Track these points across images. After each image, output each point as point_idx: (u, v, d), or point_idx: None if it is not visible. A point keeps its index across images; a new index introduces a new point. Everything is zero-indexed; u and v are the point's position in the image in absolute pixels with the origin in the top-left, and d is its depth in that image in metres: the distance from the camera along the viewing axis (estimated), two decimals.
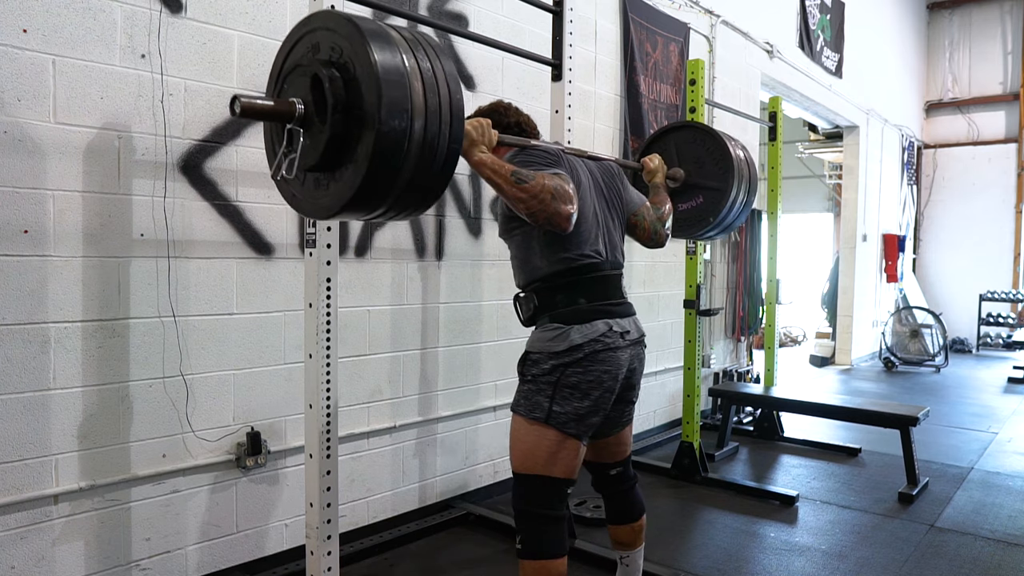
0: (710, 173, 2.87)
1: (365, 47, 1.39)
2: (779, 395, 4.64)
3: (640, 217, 2.26)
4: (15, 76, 2.05)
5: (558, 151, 2.02)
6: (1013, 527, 3.40)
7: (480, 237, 3.49)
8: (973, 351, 9.90)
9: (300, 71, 1.53)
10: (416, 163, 1.45)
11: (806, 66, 6.85)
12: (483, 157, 1.83)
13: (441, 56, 1.51)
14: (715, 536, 3.28)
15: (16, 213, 2.06)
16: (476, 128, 1.85)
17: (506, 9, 3.53)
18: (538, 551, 1.91)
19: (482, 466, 3.61)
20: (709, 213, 2.88)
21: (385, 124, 1.37)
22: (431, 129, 1.45)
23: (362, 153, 1.41)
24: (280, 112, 1.51)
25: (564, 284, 1.98)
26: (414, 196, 1.53)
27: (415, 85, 1.43)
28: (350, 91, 1.43)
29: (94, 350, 2.23)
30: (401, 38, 1.47)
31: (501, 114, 2.15)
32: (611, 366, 1.96)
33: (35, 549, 2.14)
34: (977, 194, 10.31)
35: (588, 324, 1.95)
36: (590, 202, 2.04)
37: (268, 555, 2.71)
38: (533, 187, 1.77)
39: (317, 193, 1.56)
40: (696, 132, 2.98)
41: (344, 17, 1.46)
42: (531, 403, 1.95)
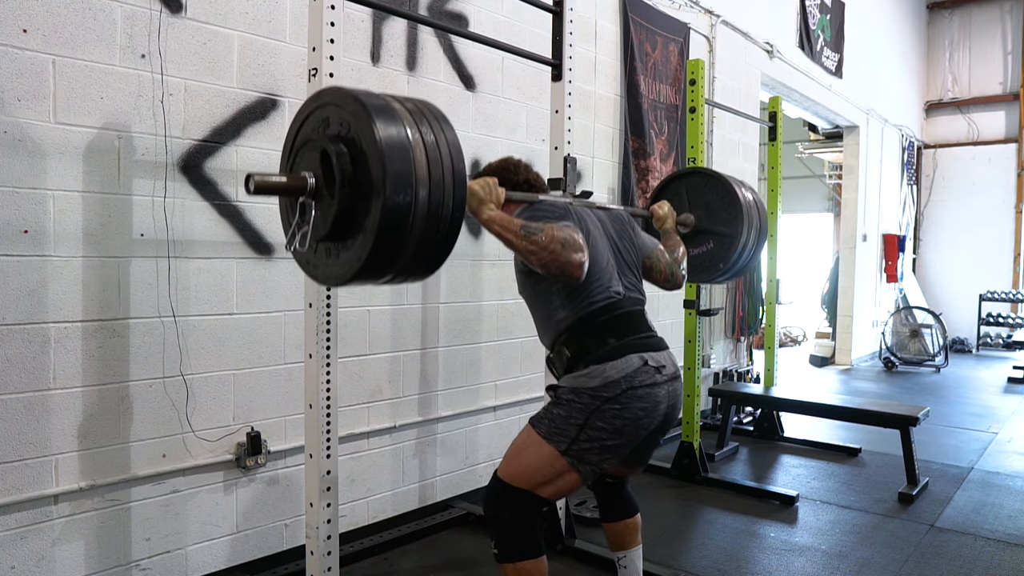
0: (720, 218, 2.89)
1: (370, 123, 1.45)
2: (779, 395, 4.64)
3: (655, 260, 2.26)
4: (15, 76, 2.05)
5: (565, 204, 2.04)
6: (1013, 527, 3.40)
7: (480, 237, 3.49)
8: (973, 351, 9.90)
9: (311, 145, 1.59)
10: (421, 233, 1.51)
11: (806, 66, 6.85)
12: (492, 215, 1.86)
13: (444, 126, 1.57)
14: (715, 536, 3.28)
15: (16, 213, 2.06)
16: (483, 187, 1.88)
17: (506, 9, 3.53)
18: (516, 555, 1.92)
19: (482, 466, 3.61)
20: (720, 259, 2.89)
21: (390, 199, 1.43)
22: (435, 199, 1.50)
23: (370, 225, 1.46)
24: (293, 188, 1.57)
25: (590, 329, 1.97)
26: (420, 262, 1.58)
27: (419, 157, 1.48)
28: (357, 166, 1.49)
29: (94, 350, 2.23)
30: (405, 110, 1.53)
31: (511, 172, 2.19)
32: (648, 403, 1.92)
33: (35, 549, 2.14)
34: (977, 194, 10.31)
35: (622, 359, 1.92)
36: (602, 247, 2.04)
37: (268, 555, 2.71)
38: (543, 239, 1.79)
39: (329, 262, 1.62)
40: (704, 178, 3.01)
41: (351, 95, 1.51)
42: (555, 427, 1.91)
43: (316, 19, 1.93)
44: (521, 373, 3.76)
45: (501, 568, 1.94)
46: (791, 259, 9.52)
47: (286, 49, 2.68)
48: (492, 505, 1.97)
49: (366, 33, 2.96)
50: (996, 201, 10.18)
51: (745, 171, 5.88)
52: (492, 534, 1.97)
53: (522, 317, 3.70)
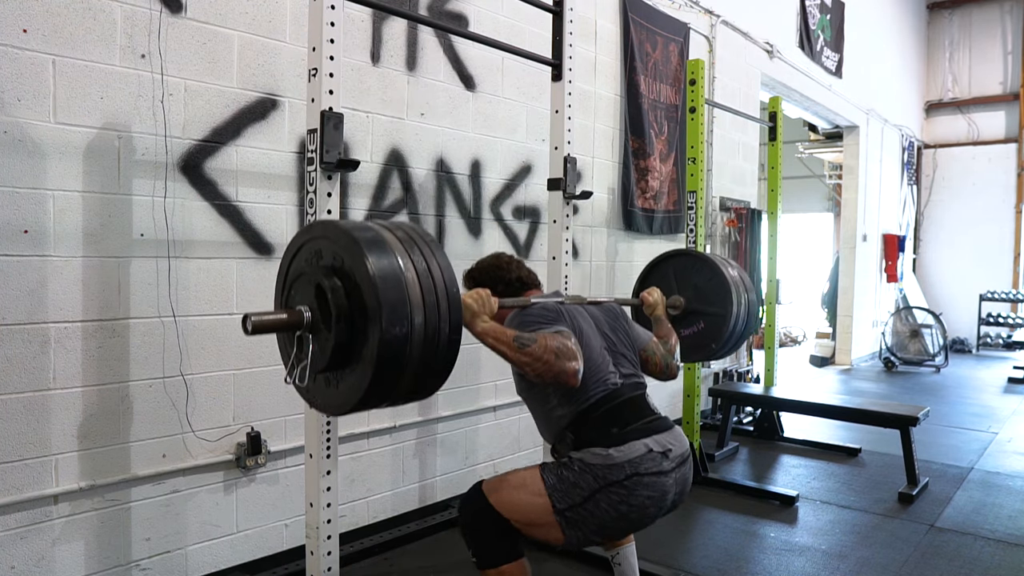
0: (709, 299, 2.93)
1: (362, 257, 1.47)
2: (779, 395, 4.64)
3: (650, 352, 2.26)
4: (15, 76, 2.05)
5: (556, 306, 2.04)
6: (1013, 527, 3.40)
7: (480, 237, 3.49)
8: (973, 351, 9.90)
9: (305, 279, 1.60)
10: (420, 359, 1.53)
11: (806, 66, 6.85)
12: (485, 327, 1.87)
13: (435, 251, 1.60)
14: (715, 536, 3.28)
15: (16, 213, 2.06)
16: (477, 300, 1.90)
17: (506, 9, 3.53)
18: (495, 560, 1.94)
19: (482, 466, 3.61)
20: (711, 339, 2.93)
21: (387, 332, 1.45)
22: (431, 325, 1.52)
23: (367, 355, 1.48)
24: (290, 323, 1.59)
25: (591, 421, 1.95)
26: (420, 387, 1.61)
27: (412, 287, 1.51)
28: (352, 299, 1.50)
29: (94, 350, 2.23)
30: (396, 239, 1.55)
31: (503, 270, 2.23)
32: (655, 492, 1.88)
33: (35, 549, 2.14)
34: (977, 194, 10.31)
35: (626, 445, 1.89)
36: (595, 344, 2.04)
37: (268, 555, 2.71)
38: (536, 350, 1.79)
39: (328, 392, 1.63)
40: (691, 259, 3.08)
41: (342, 229, 1.53)
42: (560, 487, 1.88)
43: (316, 19, 1.93)
44: None
45: (483, 574, 1.96)
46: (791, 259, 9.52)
47: (286, 49, 2.68)
48: (470, 516, 1.99)
49: (366, 33, 2.96)
50: (996, 201, 10.18)
51: (745, 171, 5.89)
52: (468, 543, 1.99)
53: None
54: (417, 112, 3.17)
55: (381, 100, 3.02)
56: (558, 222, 2.79)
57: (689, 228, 3.93)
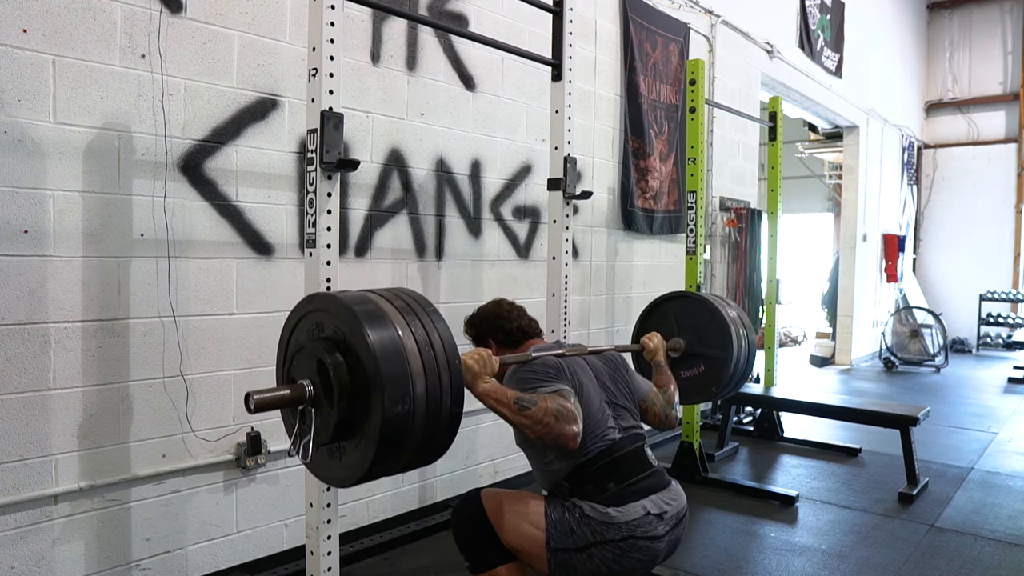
0: (709, 342, 2.93)
1: (362, 331, 1.48)
2: (779, 395, 4.64)
3: (650, 403, 2.28)
4: (15, 76, 2.05)
5: (557, 362, 2.03)
6: (1013, 527, 3.40)
7: (480, 237, 3.49)
8: (973, 351, 9.90)
9: (306, 353, 1.61)
10: (422, 431, 1.54)
11: (806, 66, 6.85)
12: (487, 388, 1.86)
13: (435, 320, 1.61)
14: (715, 536, 3.28)
15: (16, 213, 2.06)
16: (478, 361, 1.88)
17: (506, 9, 3.53)
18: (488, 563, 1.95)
19: (482, 466, 3.61)
20: (711, 383, 2.93)
21: (389, 411, 1.46)
22: (432, 396, 1.54)
23: (370, 432, 1.50)
24: (293, 400, 1.60)
25: (588, 476, 1.96)
26: (423, 456, 1.62)
27: (413, 359, 1.52)
28: (354, 374, 1.51)
29: (94, 350, 2.23)
30: (395, 310, 1.56)
31: (504, 319, 2.23)
32: (646, 556, 1.92)
33: (35, 549, 2.14)
34: (977, 194, 10.31)
35: (623, 508, 1.91)
36: (595, 399, 2.05)
37: (268, 555, 2.71)
38: (536, 413, 1.80)
39: (331, 463, 1.64)
40: (690, 302, 3.08)
41: (341, 303, 1.54)
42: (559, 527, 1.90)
43: (316, 19, 1.93)
44: None
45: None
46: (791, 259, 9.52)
47: (286, 49, 2.68)
48: (464, 523, 1.99)
49: (366, 33, 2.96)
50: (996, 201, 10.18)
51: (745, 171, 5.89)
52: (460, 547, 2.00)
53: None
54: (417, 112, 3.17)
55: (381, 100, 3.02)
56: (558, 222, 2.78)
57: (689, 228, 3.93)
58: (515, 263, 3.68)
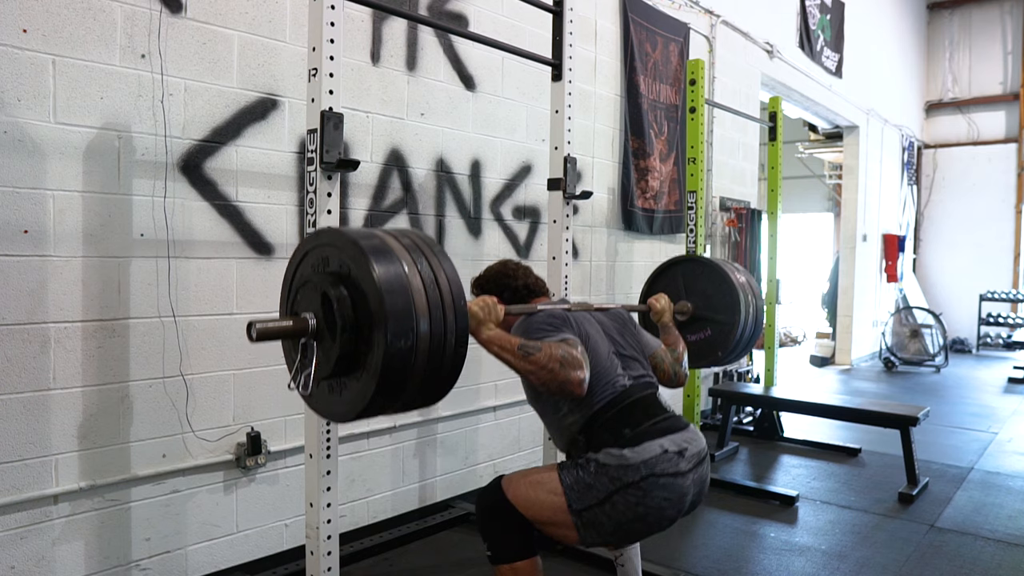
0: (717, 306, 2.91)
1: (368, 265, 1.46)
2: (779, 395, 4.64)
3: (658, 360, 2.25)
4: (15, 76, 2.05)
5: (563, 313, 2.02)
6: (1013, 527, 3.40)
7: (480, 237, 3.49)
8: (973, 351, 9.90)
9: (311, 286, 1.60)
10: (424, 369, 1.52)
11: (806, 66, 6.85)
12: (491, 335, 1.85)
13: (442, 260, 1.60)
14: (715, 536, 3.28)
15: (16, 213, 2.06)
16: (483, 308, 1.88)
17: (506, 9, 3.53)
18: (510, 556, 1.93)
19: (482, 466, 3.61)
20: (718, 347, 2.91)
21: (392, 343, 1.44)
22: (436, 333, 1.51)
23: (372, 366, 1.48)
24: (296, 331, 1.58)
25: (602, 424, 1.93)
26: (426, 395, 1.60)
27: (417, 290, 1.50)
28: (357, 308, 1.50)
29: (94, 350, 2.23)
30: (402, 247, 1.55)
31: (510, 277, 2.20)
32: (672, 494, 1.85)
33: (35, 549, 2.14)
34: (977, 194, 10.31)
35: (640, 446, 1.87)
36: (603, 349, 2.03)
37: (268, 555, 2.71)
38: (540, 359, 1.78)
39: (331, 399, 1.63)
40: (699, 265, 3.05)
41: (348, 237, 1.53)
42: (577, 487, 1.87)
43: (316, 19, 1.93)
44: None
45: (496, 570, 1.94)
46: (791, 259, 9.53)
47: (286, 49, 2.68)
48: (486, 511, 1.97)
49: (366, 33, 2.96)
50: (996, 201, 10.18)
51: (745, 171, 5.89)
52: (483, 536, 1.97)
53: None
54: (417, 112, 3.17)
55: (381, 100, 3.02)
56: (558, 222, 2.79)
57: (689, 228, 3.93)
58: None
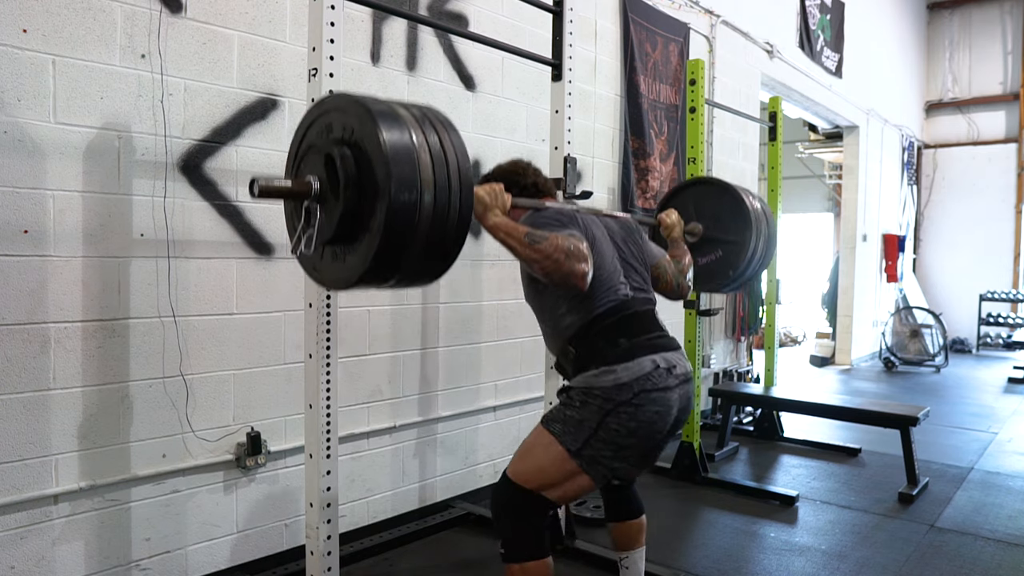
0: (728, 227, 2.88)
1: (374, 126, 1.44)
2: (779, 395, 4.64)
3: (662, 269, 2.25)
4: (15, 76, 2.05)
5: (572, 212, 2.03)
6: (1013, 527, 3.40)
7: (480, 237, 3.49)
8: (973, 351, 9.90)
9: (315, 151, 1.59)
10: (428, 234, 1.50)
11: (806, 66, 6.85)
12: (497, 221, 1.86)
13: (449, 130, 1.56)
14: (715, 536, 3.28)
15: (16, 213, 2.06)
16: (490, 193, 1.88)
17: (506, 9, 3.53)
18: (522, 555, 1.91)
19: (482, 466, 3.61)
20: (728, 267, 2.88)
21: (395, 199, 1.42)
22: (441, 201, 1.49)
23: (375, 226, 1.46)
24: (297, 192, 1.57)
25: (599, 331, 1.95)
26: (428, 266, 1.58)
27: (423, 160, 1.47)
28: (361, 168, 1.48)
29: (94, 350, 2.23)
30: (409, 115, 1.52)
31: (519, 175, 2.18)
32: (662, 407, 1.90)
33: (35, 549, 2.14)
34: (977, 194, 10.31)
35: (634, 362, 1.89)
36: (608, 253, 2.03)
37: (268, 555, 2.71)
38: (547, 247, 1.78)
39: (334, 266, 1.62)
40: (713, 187, 3.01)
41: (354, 99, 1.51)
42: (567, 428, 1.88)
43: (316, 19, 1.93)
44: (521, 373, 3.76)
45: (507, 568, 1.93)
46: (791, 259, 9.52)
47: (286, 49, 2.68)
48: (499, 505, 1.96)
49: (366, 33, 2.96)
50: (996, 201, 10.17)
51: (745, 171, 5.88)
52: (498, 534, 1.96)
53: (522, 317, 3.70)
54: None
55: None
56: None
57: None
58: (515, 263, 3.62)
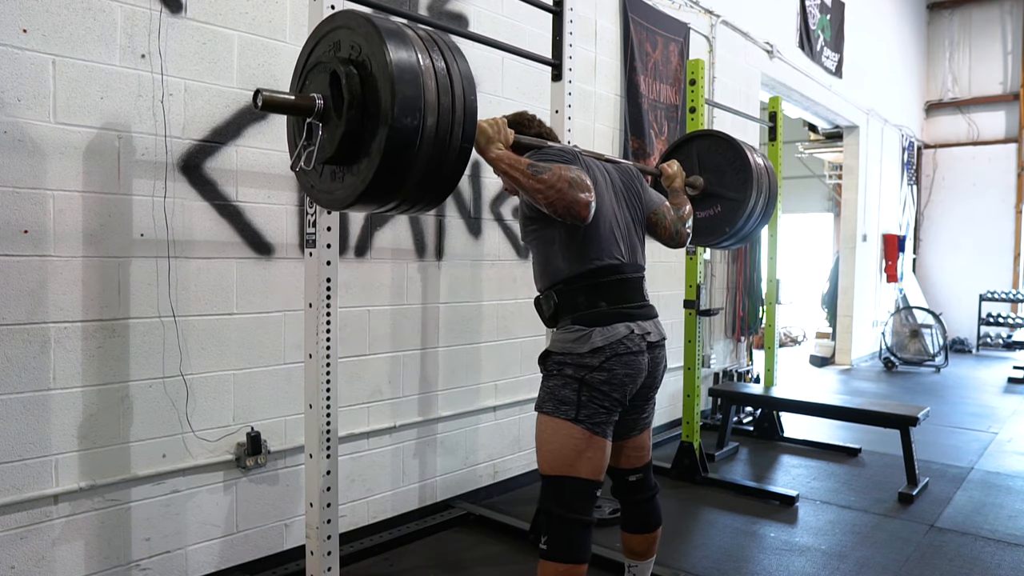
0: (730, 183, 2.86)
1: (381, 46, 1.44)
2: (779, 395, 4.64)
3: (660, 216, 2.25)
4: (15, 76, 2.05)
5: (574, 152, 2.04)
6: (1013, 527, 3.40)
7: (480, 237, 3.49)
8: (973, 351, 9.90)
9: (321, 67, 1.58)
10: (428, 159, 1.49)
11: (806, 66, 6.85)
12: (500, 153, 1.87)
13: (457, 56, 1.56)
14: (715, 536, 3.28)
15: (16, 213, 2.06)
16: (492, 126, 1.90)
17: (506, 9, 3.53)
18: (565, 555, 1.89)
19: (482, 466, 3.61)
20: (726, 223, 2.87)
21: (398, 121, 1.42)
22: (443, 127, 1.48)
23: (375, 148, 1.45)
24: (300, 107, 1.56)
25: (585, 287, 1.97)
26: (426, 191, 1.57)
27: (428, 84, 1.47)
28: (366, 88, 1.47)
29: (94, 350, 2.23)
30: (417, 37, 1.52)
31: (524, 125, 2.19)
32: (632, 370, 1.96)
33: (35, 549, 2.14)
34: (977, 194, 10.31)
35: (609, 327, 1.94)
36: (608, 201, 2.04)
37: (268, 555, 2.71)
38: (550, 178, 1.80)
39: (333, 185, 1.61)
40: (717, 141, 2.98)
41: (363, 17, 1.50)
42: (557, 399, 1.93)
43: (316, 19, 1.93)
44: (521, 373, 3.76)
45: (541, 565, 1.91)
46: (791, 259, 9.53)
47: (286, 49, 2.68)
48: (544, 500, 1.96)
49: None
50: (996, 201, 10.18)
51: None
52: (545, 530, 1.93)
53: (522, 317, 3.70)
54: None
55: None
56: None
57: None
58: (515, 263, 3.68)
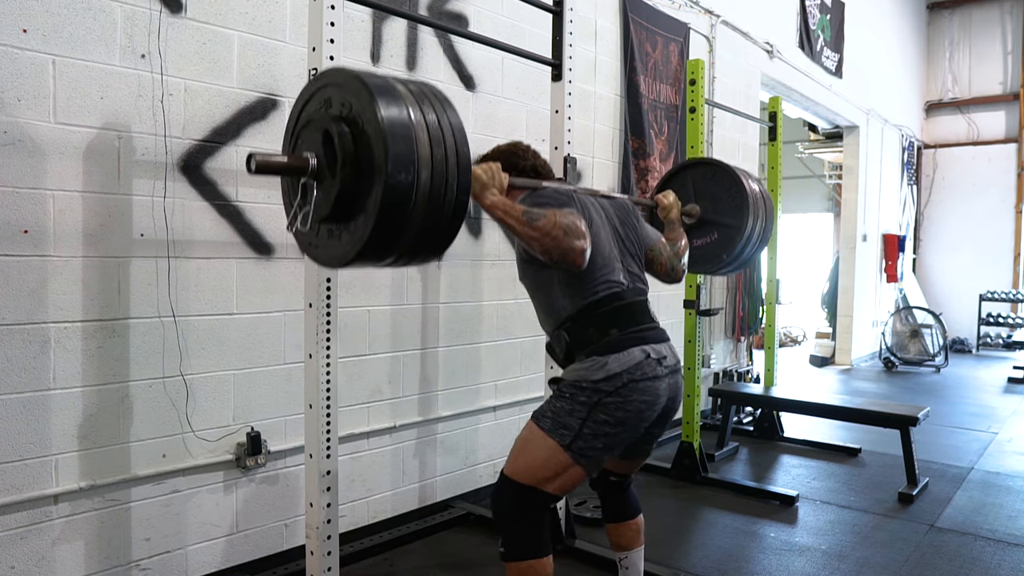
0: (725, 210, 2.87)
1: (372, 103, 1.44)
2: (779, 395, 4.64)
3: (657, 252, 2.25)
4: (15, 76, 2.05)
5: (569, 191, 2.03)
6: (1013, 527, 3.40)
7: (480, 237, 3.49)
8: (973, 351, 9.90)
9: (313, 126, 1.58)
10: (424, 213, 1.49)
11: (806, 66, 6.85)
12: (494, 200, 1.86)
13: (447, 109, 1.56)
14: (715, 536, 3.28)
15: (16, 213, 2.06)
16: (486, 172, 1.88)
17: (506, 9, 3.53)
18: (522, 553, 1.91)
19: (482, 466, 3.61)
20: (723, 250, 2.88)
21: (392, 177, 1.42)
22: (437, 180, 1.48)
23: (371, 204, 1.45)
24: (294, 167, 1.56)
25: (592, 318, 1.96)
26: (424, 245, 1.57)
27: (421, 137, 1.47)
28: (359, 145, 1.48)
29: (94, 350, 2.23)
30: (408, 92, 1.52)
31: (519, 157, 2.18)
32: (650, 396, 1.93)
33: (35, 549, 2.14)
34: (977, 194, 10.31)
35: (625, 352, 1.92)
36: (604, 236, 2.04)
37: (268, 555, 2.71)
38: (545, 225, 1.79)
39: (331, 243, 1.61)
40: (712, 169, 2.99)
41: (352, 74, 1.51)
42: (558, 422, 1.90)
43: (316, 19, 1.93)
44: (521, 373, 3.76)
45: (507, 567, 1.93)
46: (791, 259, 9.52)
47: (286, 49, 2.68)
48: (499, 503, 1.96)
49: (366, 33, 2.96)
50: (996, 201, 10.18)
51: None
52: (498, 532, 1.96)
53: (522, 317, 3.70)
54: None
55: None
56: None
57: None
58: (515, 263, 3.67)
